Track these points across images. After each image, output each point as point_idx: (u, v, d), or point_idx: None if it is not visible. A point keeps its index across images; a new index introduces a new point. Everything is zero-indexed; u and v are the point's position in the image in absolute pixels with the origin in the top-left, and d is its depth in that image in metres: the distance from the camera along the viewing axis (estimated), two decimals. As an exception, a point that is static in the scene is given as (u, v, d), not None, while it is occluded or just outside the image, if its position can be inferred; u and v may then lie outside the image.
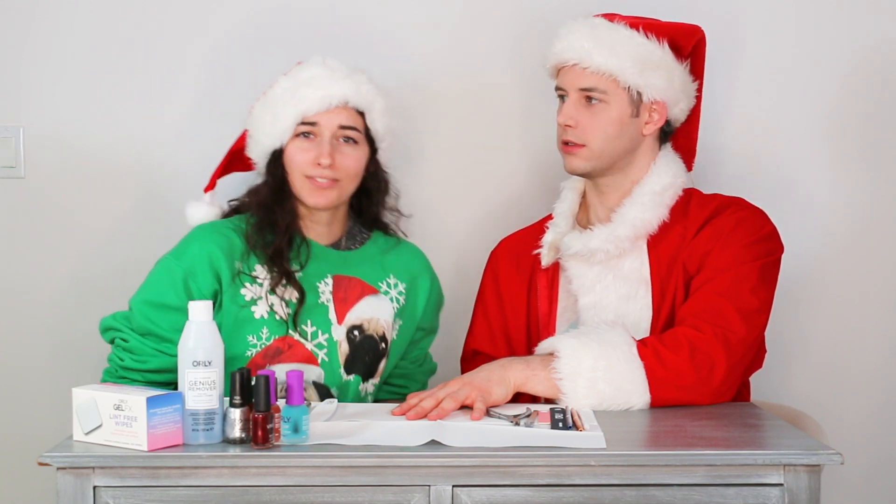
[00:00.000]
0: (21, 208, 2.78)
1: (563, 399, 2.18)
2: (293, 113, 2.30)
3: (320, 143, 2.30)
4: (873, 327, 2.82)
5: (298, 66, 2.38)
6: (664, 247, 2.37)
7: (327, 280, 2.35)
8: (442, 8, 2.79)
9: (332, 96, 2.30)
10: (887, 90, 2.79)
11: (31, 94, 2.77)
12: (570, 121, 2.37)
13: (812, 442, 1.96)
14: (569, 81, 2.38)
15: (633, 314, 2.36)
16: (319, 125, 2.30)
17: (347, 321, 2.35)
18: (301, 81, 2.32)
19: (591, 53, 2.35)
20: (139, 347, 2.25)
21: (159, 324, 2.25)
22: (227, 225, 2.34)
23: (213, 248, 2.28)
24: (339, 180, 2.31)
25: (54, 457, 1.86)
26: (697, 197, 2.44)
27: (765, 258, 2.32)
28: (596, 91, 2.36)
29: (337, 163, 2.29)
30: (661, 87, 2.38)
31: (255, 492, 1.86)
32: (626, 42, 2.36)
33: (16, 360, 2.79)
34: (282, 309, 2.29)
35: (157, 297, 2.26)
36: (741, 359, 2.25)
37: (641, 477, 1.87)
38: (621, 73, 2.35)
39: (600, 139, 2.37)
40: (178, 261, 2.28)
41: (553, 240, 2.45)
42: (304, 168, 2.30)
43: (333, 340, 2.33)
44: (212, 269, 2.27)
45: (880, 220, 2.81)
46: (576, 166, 2.40)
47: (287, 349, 2.30)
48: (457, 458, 1.87)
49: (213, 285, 2.27)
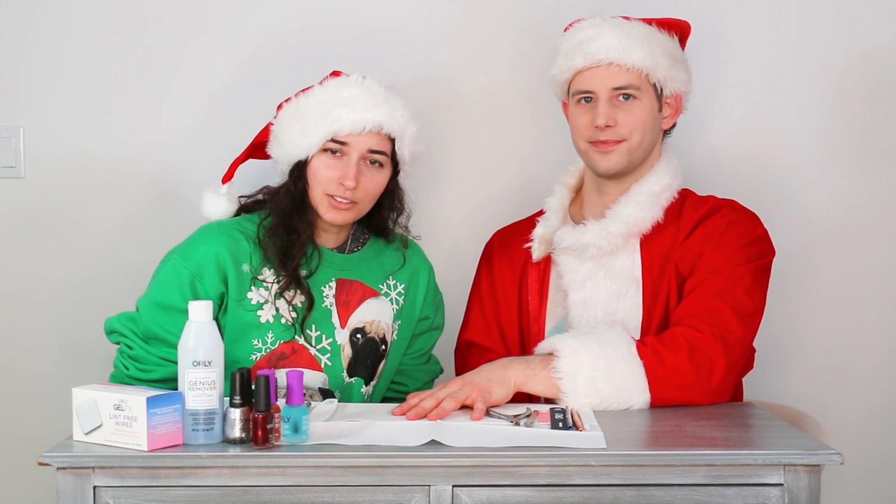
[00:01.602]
0: (21, 208, 2.78)
1: (563, 399, 2.18)
2: (325, 130, 2.26)
3: (347, 164, 2.27)
4: (873, 327, 2.82)
5: (336, 79, 2.33)
6: (657, 246, 2.37)
7: (331, 284, 2.34)
8: (441, 9, 2.79)
9: (367, 121, 2.26)
10: (881, 90, 2.79)
11: (31, 94, 2.77)
12: (610, 121, 2.35)
13: (812, 442, 1.96)
14: (600, 82, 2.36)
15: (622, 312, 2.36)
16: (349, 146, 2.27)
17: (350, 325, 2.34)
18: (338, 100, 2.27)
19: (629, 51, 2.34)
20: (144, 356, 2.23)
21: (166, 327, 2.22)
22: (233, 226, 2.32)
23: (221, 249, 2.26)
24: (357, 203, 2.29)
25: (54, 457, 1.86)
26: (692, 198, 2.44)
27: (757, 261, 2.33)
28: (630, 88, 2.35)
29: (360, 185, 2.27)
30: (683, 80, 2.41)
31: (255, 492, 1.86)
32: (656, 38, 2.38)
33: (16, 360, 2.79)
34: (288, 313, 2.28)
35: (164, 299, 2.24)
36: (739, 359, 2.26)
37: (641, 477, 1.87)
38: (655, 70, 2.36)
39: (640, 133, 2.36)
40: (186, 262, 2.25)
41: (543, 234, 2.46)
42: (327, 186, 2.27)
43: (337, 344, 2.33)
44: (219, 271, 2.25)
45: (875, 219, 2.81)
46: (615, 163, 2.38)
47: (292, 354, 2.29)
48: (457, 458, 1.86)
49: (220, 287, 2.25)
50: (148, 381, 2.21)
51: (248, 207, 2.39)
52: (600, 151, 2.38)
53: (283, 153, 2.33)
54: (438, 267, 2.53)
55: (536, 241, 2.46)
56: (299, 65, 2.66)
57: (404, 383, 2.48)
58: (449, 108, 2.79)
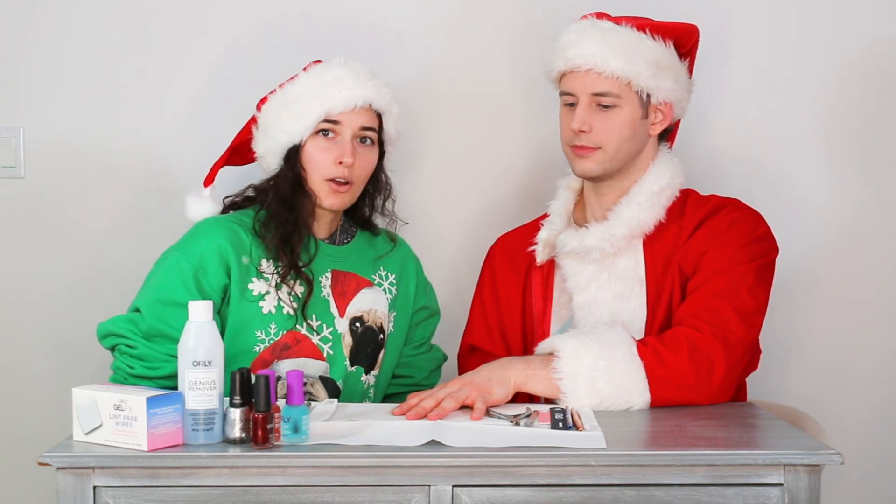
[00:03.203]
0: (21, 208, 2.78)
1: (563, 399, 2.18)
2: (318, 111, 2.30)
3: (342, 143, 2.31)
4: (873, 327, 2.82)
5: (319, 65, 2.38)
6: (659, 246, 2.37)
7: (327, 275, 2.36)
8: (440, 9, 2.79)
9: (358, 97, 2.31)
10: (884, 91, 2.79)
11: (31, 94, 2.77)
12: (584, 126, 2.36)
13: (812, 442, 1.97)
14: (580, 86, 2.37)
15: (626, 313, 2.36)
16: (342, 124, 2.31)
17: (348, 314, 2.36)
18: (325, 81, 2.32)
19: (606, 59, 2.34)
20: (149, 354, 2.22)
21: (171, 323, 2.20)
22: (231, 219, 2.34)
23: (223, 241, 2.27)
24: (353, 183, 2.32)
25: (54, 457, 1.86)
26: (694, 197, 2.44)
27: (760, 259, 2.32)
28: (609, 96, 2.35)
29: (356, 163, 2.31)
30: (671, 88, 2.39)
31: (255, 492, 1.86)
32: (638, 46, 2.36)
33: (16, 360, 2.79)
34: (290, 303, 2.30)
35: (168, 295, 2.23)
36: (740, 359, 2.26)
37: (641, 477, 1.87)
38: (636, 77, 2.35)
39: (615, 142, 2.36)
40: (187, 257, 2.26)
41: (548, 237, 2.46)
42: (325, 169, 2.30)
43: (338, 333, 2.34)
44: (222, 262, 2.26)
45: (878, 219, 2.81)
46: (589, 169, 2.39)
47: (295, 344, 2.30)
48: (457, 458, 1.87)
49: (223, 280, 2.26)
50: (156, 379, 2.19)
51: (238, 205, 2.40)
52: (577, 156, 2.39)
53: (274, 144, 2.35)
54: (440, 275, 2.56)
55: (541, 244, 2.46)
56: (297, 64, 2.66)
57: (410, 375, 2.49)
58: (448, 110, 2.79)
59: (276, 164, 2.36)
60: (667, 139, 2.48)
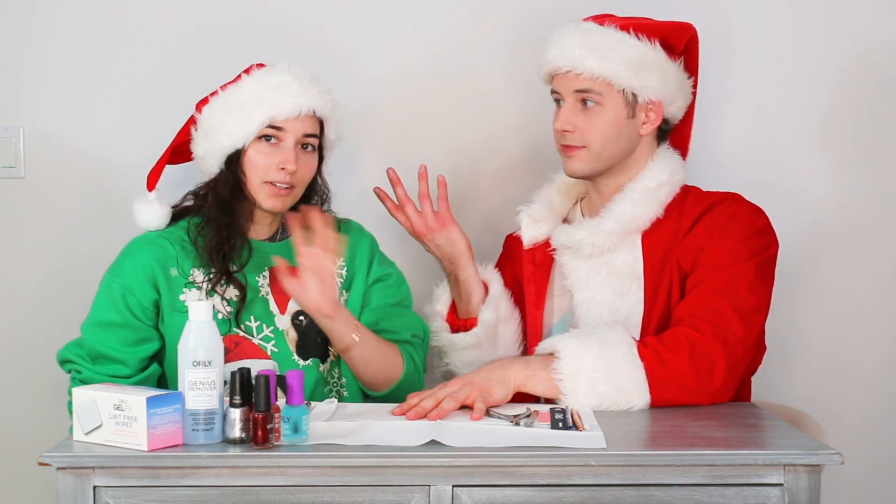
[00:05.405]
0: (21, 208, 2.78)
1: (564, 399, 2.18)
2: (262, 117, 2.30)
3: (284, 150, 2.31)
4: (874, 327, 2.82)
5: (262, 69, 2.37)
6: (658, 242, 2.38)
7: (264, 274, 2.36)
8: (438, 9, 2.79)
9: (303, 105, 2.31)
10: (883, 86, 2.79)
11: (31, 94, 2.77)
12: (567, 125, 2.38)
13: (812, 442, 1.97)
14: (563, 86, 2.40)
15: (625, 309, 2.36)
16: (285, 131, 2.31)
17: (290, 309, 2.36)
18: (269, 86, 2.32)
19: (583, 60, 2.36)
20: (92, 377, 2.26)
21: (107, 343, 2.26)
22: (159, 234, 2.35)
23: (147, 259, 2.30)
24: (294, 187, 2.33)
25: (54, 457, 1.86)
26: (695, 193, 2.44)
27: (760, 255, 2.32)
28: (591, 93, 2.37)
29: (298, 169, 2.31)
30: (656, 87, 2.39)
31: (255, 492, 1.86)
32: (617, 45, 2.37)
33: (16, 360, 2.79)
34: (223, 308, 2.31)
35: (101, 316, 2.29)
36: (741, 359, 2.25)
37: (641, 477, 1.87)
38: (615, 77, 2.36)
39: (599, 141, 2.37)
40: (116, 277, 2.30)
41: (529, 215, 2.50)
42: (266, 173, 2.31)
43: (279, 330, 2.35)
44: (148, 279, 2.29)
45: (878, 216, 2.80)
46: (576, 169, 2.41)
47: (234, 347, 2.31)
48: (457, 458, 1.87)
49: (153, 295, 2.29)
50: None
51: (177, 214, 2.41)
52: (565, 155, 2.41)
53: (215, 147, 2.34)
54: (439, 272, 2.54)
55: (522, 224, 2.50)
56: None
57: (386, 329, 2.41)
58: (448, 111, 2.79)
59: (216, 167, 2.36)
60: (670, 138, 2.48)
